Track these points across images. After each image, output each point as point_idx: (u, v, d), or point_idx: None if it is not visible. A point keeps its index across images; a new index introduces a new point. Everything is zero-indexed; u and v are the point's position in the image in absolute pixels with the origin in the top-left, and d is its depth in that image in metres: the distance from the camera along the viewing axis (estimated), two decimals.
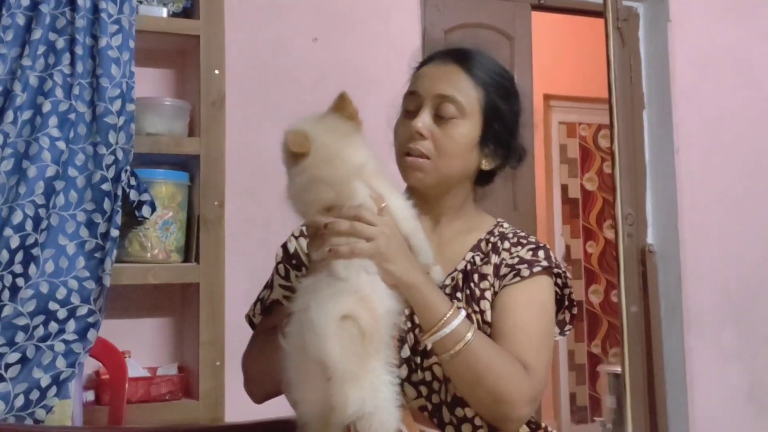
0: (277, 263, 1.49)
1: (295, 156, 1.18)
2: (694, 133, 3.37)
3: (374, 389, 1.10)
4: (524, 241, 1.45)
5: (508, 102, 1.46)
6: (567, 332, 1.50)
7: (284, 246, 1.50)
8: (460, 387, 1.28)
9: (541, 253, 1.42)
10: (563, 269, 1.45)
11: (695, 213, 3.33)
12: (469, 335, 1.23)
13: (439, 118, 1.40)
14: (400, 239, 1.22)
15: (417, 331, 1.32)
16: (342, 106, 1.26)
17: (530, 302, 1.37)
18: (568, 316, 1.49)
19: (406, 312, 1.28)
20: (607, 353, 5.39)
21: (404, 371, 1.32)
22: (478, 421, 1.32)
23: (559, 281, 1.44)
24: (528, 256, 1.41)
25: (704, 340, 3.27)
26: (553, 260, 1.43)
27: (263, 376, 1.39)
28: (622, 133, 3.36)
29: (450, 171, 1.42)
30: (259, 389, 1.44)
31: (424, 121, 1.39)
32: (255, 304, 1.51)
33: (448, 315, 1.22)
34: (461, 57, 1.45)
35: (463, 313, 1.25)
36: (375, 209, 1.20)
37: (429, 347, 1.29)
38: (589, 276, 5.46)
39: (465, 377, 1.25)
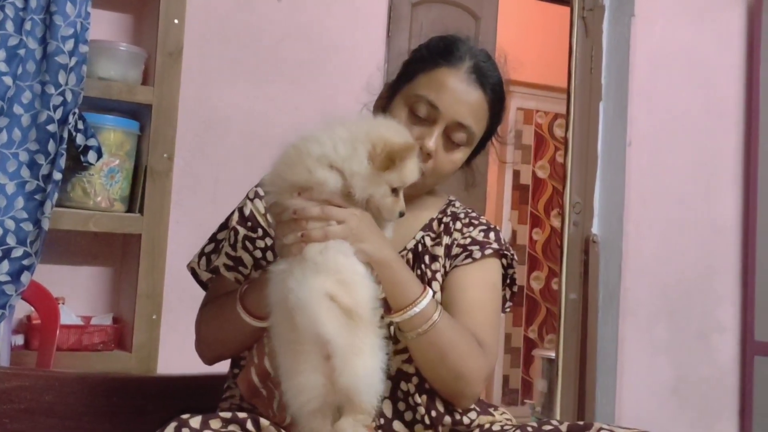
0: (231, 226, 1.44)
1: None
2: (647, 129, 3.42)
3: (376, 359, 1.10)
4: (476, 222, 1.47)
5: (499, 124, 1.48)
6: (507, 309, 1.53)
7: (240, 209, 1.46)
8: (422, 363, 1.29)
9: (492, 235, 1.44)
10: (511, 251, 1.47)
11: (641, 207, 3.38)
12: (436, 315, 1.24)
13: (447, 138, 1.38)
14: (371, 219, 1.21)
15: None
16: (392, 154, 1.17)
17: (483, 282, 1.40)
18: (508, 293, 1.52)
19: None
20: (543, 339, 5.49)
21: None
22: (417, 399, 1.33)
23: (505, 262, 1.47)
24: (480, 237, 1.43)
25: (637, 332, 3.34)
26: (503, 242, 1.46)
27: (216, 342, 1.38)
28: (578, 123, 3.39)
29: (433, 185, 1.46)
30: (211, 352, 1.42)
31: (437, 143, 1.37)
32: (200, 256, 1.48)
33: (419, 295, 1.23)
34: (485, 80, 1.40)
35: (431, 292, 1.26)
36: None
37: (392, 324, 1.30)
38: (532, 262, 5.53)
39: (428, 354, 1.27)
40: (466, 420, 1.36)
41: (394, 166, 1.16)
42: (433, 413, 1.33)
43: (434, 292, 1.34)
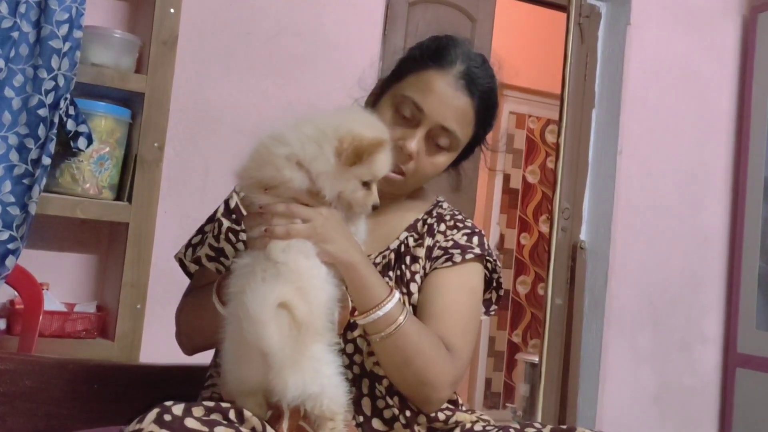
0: (217, 218, 1.46)
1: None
2: (638, 138, 3.43)
3: (316, 371, 1.10)
4: (460, 225, 1.46)
5: (488, 130, 1.47)
6: (492, 312, 1.52)
7: (226, 201, 1.47)
8: (387, 367, 1.29)
9: (475, 239, 1.43)
10: (495, 257, 1.46)
11: (629, 215, 3.39)
12: (401, 318, 1.23)
13: (431, 141, 1.37)
14: (338, 219, 1.20)
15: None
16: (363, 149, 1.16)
17: (461, 286, 1.38)
18: (494, 297, 1.51)
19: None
20: (527, 343, 5.50)
21: None
22: (389, 400, 1.33)
23: (489, 266, 1.46)
24: (462, 240, 1.42)
25: (621, 339, 3.35)
26: (486, 247, 1.44)
27: (195, 333, 1.40)
28: (570, 129, 3.40)
29: (416, 186, 1.45)
30: (191, 343, 1.44)
31: (419, 145, 1.36)
32: (187, 247, 1.49)
33: (385, 298, 1.22)
34: (474, 86, 1.37)
35: (398, 294, 1.25)
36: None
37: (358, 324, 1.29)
38: (519, 267, 5.54)
39: (393, 358, 1.26)
40: (441, 416, 1.36)
41: (362, 161, 1.15)
42: (408, 413, 1.33)
43: (403, 295, 1.34)
